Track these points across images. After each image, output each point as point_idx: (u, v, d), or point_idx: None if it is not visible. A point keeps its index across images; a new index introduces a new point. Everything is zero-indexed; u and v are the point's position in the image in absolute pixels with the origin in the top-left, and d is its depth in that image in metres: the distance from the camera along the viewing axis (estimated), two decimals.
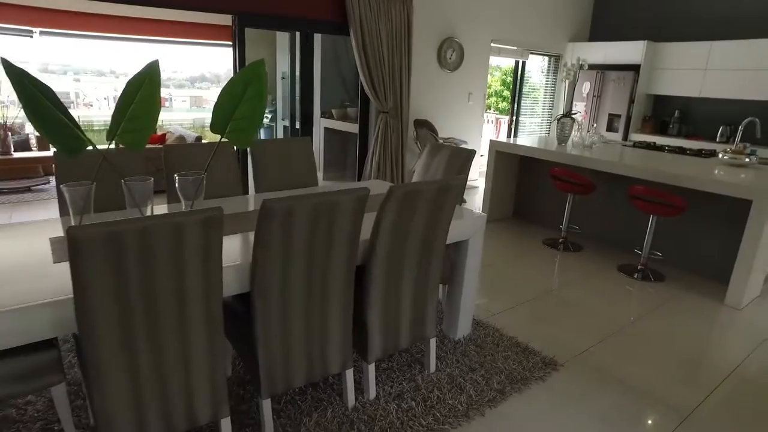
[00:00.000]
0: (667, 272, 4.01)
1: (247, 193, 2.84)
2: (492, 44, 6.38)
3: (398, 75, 5.29)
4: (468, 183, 6.63)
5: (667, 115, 6.91)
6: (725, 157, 4.14)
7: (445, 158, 2.94)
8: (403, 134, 5.46)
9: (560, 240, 4.49)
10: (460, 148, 2.90)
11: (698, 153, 4.72)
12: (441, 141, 5.60)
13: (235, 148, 2.89)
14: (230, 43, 4.48)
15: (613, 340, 2.91)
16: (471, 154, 2.84)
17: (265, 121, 7.71)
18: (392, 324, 2.20)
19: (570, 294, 3.51)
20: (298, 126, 6.77)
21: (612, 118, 6.98)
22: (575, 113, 4.81)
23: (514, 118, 7.22)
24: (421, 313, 2.29)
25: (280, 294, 1.76)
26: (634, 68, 6.74)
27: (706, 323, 3.21)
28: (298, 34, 4.82)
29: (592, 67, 7.34)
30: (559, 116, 4.76)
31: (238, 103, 2.00)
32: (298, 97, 5.05)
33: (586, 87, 7.16)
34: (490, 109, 11.94)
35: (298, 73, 6.35)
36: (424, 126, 5.56)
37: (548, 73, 7.50)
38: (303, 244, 1.73)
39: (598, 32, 7.61)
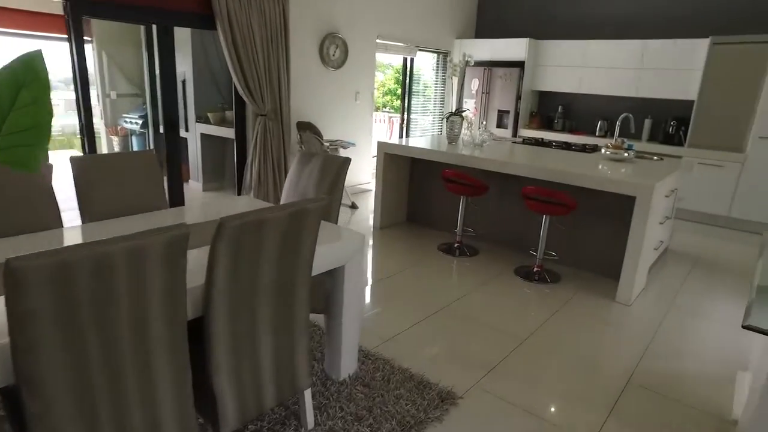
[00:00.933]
0: (563, 272, 3.93)
1: (61, 225, 2.23)
2: (378, 41, 6.09)
3: (276, 74, 4.80)
4: (360, 186, 6.31)
5: (552, 110, 7.06)
6: (607, 152, 4.15)
7: (317, 168, 2.54)
8: (284, 138, 4.98)
9: (456, 245, 4.28)
10: (333, 155, 2.51)
11: (583, 148, 4.74)
12: (327, 144, 5.19)
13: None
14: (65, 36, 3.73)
15: (514, 357, 2.68)
16: (345, 162, 2.46)
17: (135, 127, 6.83)
18: (250, 384, 1.75)
19: (467, 306, 3.26)
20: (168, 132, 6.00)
21: (501, 115, 7.00)
22: (464, 110, 4.64)
23: (406, 116, 7.00)
24: (287, 362, 1.87)
25: (72, 381, 1.25)
26: (519, 65, 6.80)
27: (601, 325, 3.11)
28: (155, 27, 4.19)
29: (479, 63, 7.33)
30: (447, 114, 4.55)
31: (6, 112, 1.45)
32: (160, 101, 4.42)
33: (474, 84, 7.12)
34: (384, 107, 11.76)
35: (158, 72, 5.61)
36: (308, 128, 5.12)
37: (438, 70, 7.38)
38: (94, 307, 1.23)
39: (484, 29, 7.62)
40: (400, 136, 7.12)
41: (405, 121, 7.04)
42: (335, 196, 2.44)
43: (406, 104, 6.99)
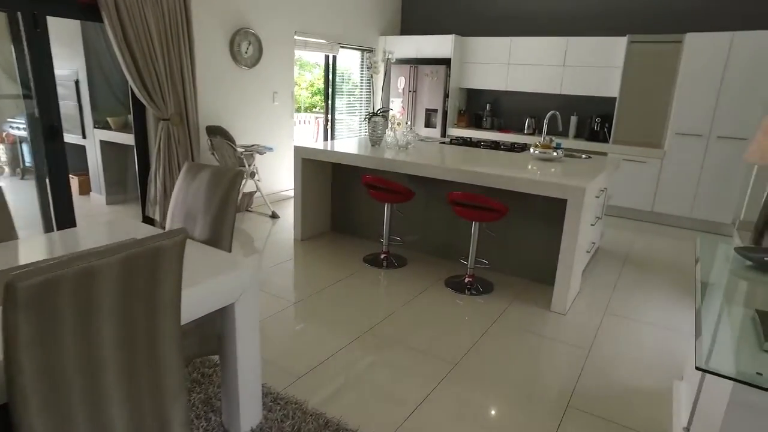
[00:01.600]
0: (496, 280, 3.72)
1: None
2: (297, 37, 5.68)
3: (179, 73, 4.30)
4: (283, 193, 5.88)
5: (480, 108, 6.94)
6: (536, 152, 3.99)
7: (205, 182, 2.13)
8: (191, 145, 4.48)
9: (382, 256, 3.97)
10: (222, 168, 2.12)
11: (512, 147, 4.58)
12: (241, 150, 4.74)
13: None
14: None
15: (444, 387, 2.39)
16: (237, 176, 2.07)
17: (24, 133, 6.04)
18: None
19: (394, 327, 2.96)
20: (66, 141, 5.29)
21: (429, 114, 6.79)
22: (386, 110, 4.34)
23: (330, 117, 6.64)
24: None
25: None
26: (446, 62, 6.61)
27: (537, 339, 2.90)
28: (20, 15, 3.58)
29: (405, 61, 7.09)
30: (369, 115, 4.24)
31: None
32: (36, 105, 3.78)
33: (401, 82, 6.87)
34: (315, 108, 11.30)
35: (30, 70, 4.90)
36: (219, 133, 4.64)
37: (364, 68, 7.07)
38: None
39: (409, 26, 7.39)
40: (325, 139, 6.75)
41: (330, 123, 6.67)
42: (226, 214, 2.04)
43: (330, 104, 6.62)
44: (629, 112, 5.68)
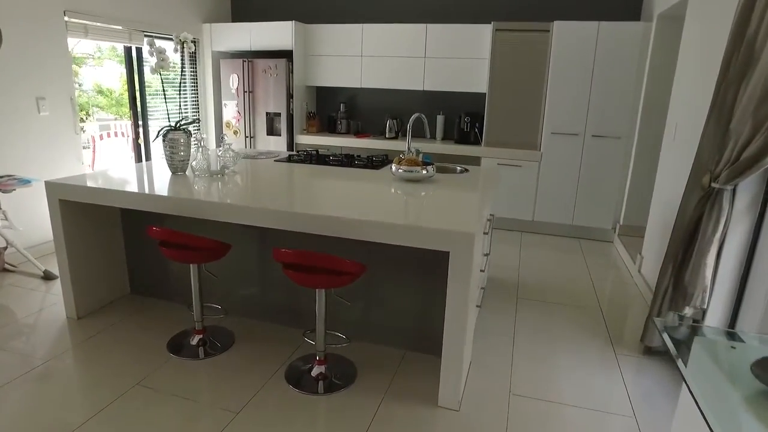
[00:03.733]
0: (359, 359, 2.63)
1: None
2: (69, 18, 4.08)
3: None
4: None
5: (333, 110, 5.85)
6: (400, 170, 2.98)
7: None
8: None
9: (196, 338, 2.69)
10: None
11: (369, 162, 3.53)
12: None
13: None
14: None
15: None
16: None
17: None
18: None
19: None
20: None
21: (272, 118, 5.54)
22: (189, 122, 3.03)
23: (142, 129, 5.07)
24: None
25: None
26: (287, 55, 5.41)
27: None
28: None
29: (237, 54, 5.75)
30: (164, 130, 2.89)
31: None
32: None
33: (233, 80, 5.52)
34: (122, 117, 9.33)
35: None
36: None
37: (184, 64, 5.58)
38: None
39: (241, 11, 6.05)
40: (138, 157, 5.16)
41: (139, 136, 5.09)
42: None
43: (138, 110, 5.05)
44: (501, 110, 4.98)
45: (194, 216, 2.41)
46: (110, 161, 6.00)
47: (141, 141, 5.10)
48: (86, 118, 10.70)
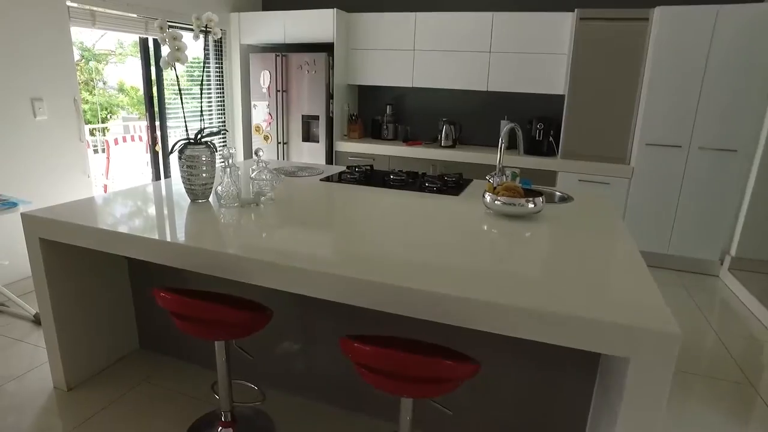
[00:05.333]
0: None
1: None
2: (72, 3, 3.40)
3: None
4: None
5: (377, 112, 5.09)
6: (498, 202, 2.19)
7: None
8: None
9: (223, 430, 1.96)
10: None
11: (443, 186, 2.74)
12: None
13: None
14: None
15: None
16: None
17: None
18: None
19: None
20: None
21: (308, 122, 4.80)
22: (216, 132, 2.29)
23: (160, 132, 4.37)
24: None
25: None
26: (327, 48, 4.66)
27: None
28: None
29: (270, 48, 5.03)
30: (180, 144, 2.16)
31: None
32: None
33: (265, 78, 4.79)
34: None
35: None
36: None
37: (208, 57, 4.88)
38: None
39: None
40: (155, 168, 4.47)
41: (156, 141, 4.40)
42: None
43: (157, 112, 4.36)
44: (582, 115, 4.15)
45: (219, 275, 1.66)
46: (125, 170, 5.34)
47: (159, 148, 4.41)
48: (110, 117, 10.17)
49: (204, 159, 2.17)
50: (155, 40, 4.18)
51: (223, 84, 5.01)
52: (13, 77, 3.06)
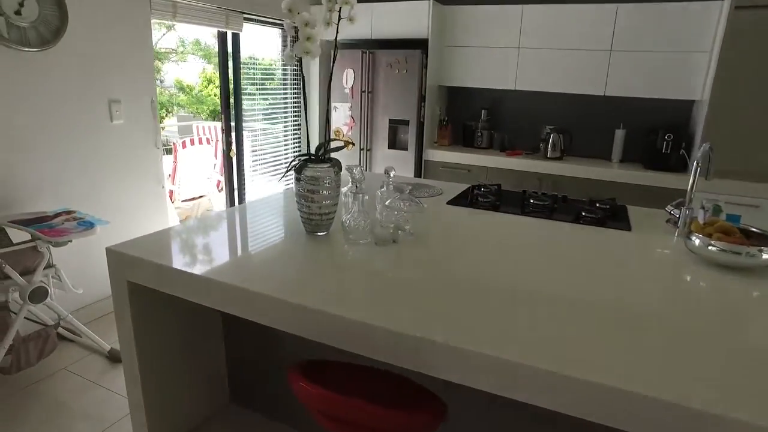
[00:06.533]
0: None
1: None
2: None
3: None
4: None
5: (469, 117, 4.56)
6: (713, 248, 1.63)
7: None
8: None
9: None
10: None
11: (605, 217, 2.19)
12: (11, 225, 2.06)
13: None
14: None
15: None
16: None
17: None
18: None
19: None
20: None
21: (395, 128, 4.32)
22: (341, 147, 1.83)
23: (234, 135, 3.99)
24: None
25: None
26: (421, 45, 4.16)
27: None
28: None
29: (354, 44, 4.57)
30: (296, 163, 1.70)
31: None
32: None
33: (348, 77, 4.34)
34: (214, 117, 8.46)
35: None
36: None
37: (284, 54, 4.48)
38: None
39: None
40: (229, 174, 4.09)
41: (231, 145, 4.01)
42: None
43: (233, 114, 3.98)
44: (728, 125, 3.51)
45: (381, 359, 1.18)
46: (190, 174, 5.01)
47: (233, 154, 4.03)
48: (166, 115, 10.05)
49: (327, 182, 1.71)
50: (235, 35, 3.80)
51: (302, 84, 4.60)
52: (92, 77, 2.70)
